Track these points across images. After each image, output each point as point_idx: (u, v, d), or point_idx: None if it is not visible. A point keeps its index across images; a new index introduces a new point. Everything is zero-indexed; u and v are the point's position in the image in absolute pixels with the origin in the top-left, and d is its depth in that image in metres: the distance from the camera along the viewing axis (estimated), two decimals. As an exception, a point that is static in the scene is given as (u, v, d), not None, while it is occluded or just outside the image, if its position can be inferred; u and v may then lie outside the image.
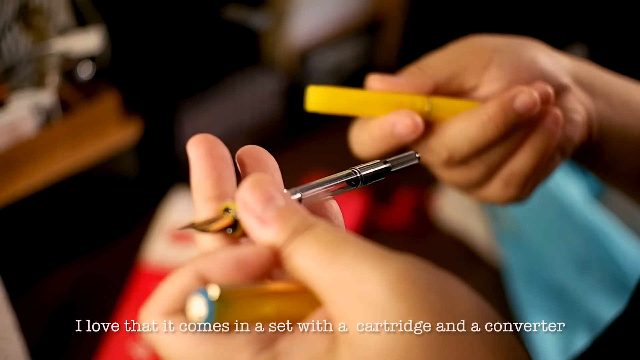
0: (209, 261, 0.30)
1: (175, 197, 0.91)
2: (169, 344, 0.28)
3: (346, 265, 0.27)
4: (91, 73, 0.77)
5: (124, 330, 0.77)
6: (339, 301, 0.27)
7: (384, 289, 0.26)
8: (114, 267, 0.86)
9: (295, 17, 0.98)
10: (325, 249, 0.28)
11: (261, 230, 0.30)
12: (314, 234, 0.29)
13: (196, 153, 0.34)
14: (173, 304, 0.29)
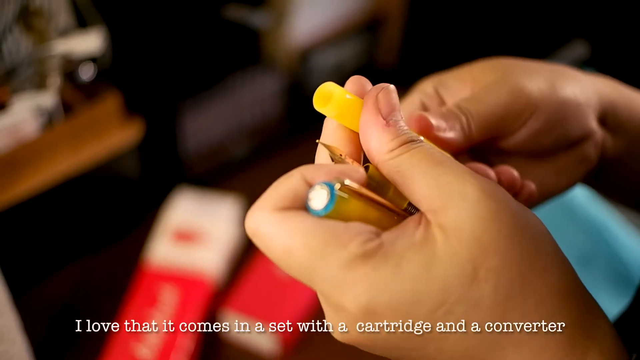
0: (316, 170, 0.33)
1: (178, 197, 0.91)
2: (287, 234, 0.31)
3: (448, 170, 0.32)
4: (92, 74, 0.77)
5: (128, 331, 0.77)
6: (438, 196, 0.31)
7: (477, 190, 0.31)
8: (117, 267, 0.86)
9: (295, 16, 0.98)
10: (432, 156, 0.32)
11: (381, 132, 0.34)
12: (424, 147, 0.33)
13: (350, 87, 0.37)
14: (283, 201, 0.32)
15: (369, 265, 0.30)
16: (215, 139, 0.98)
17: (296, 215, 0.31)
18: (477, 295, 0.30)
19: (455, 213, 0.31)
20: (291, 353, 0.80)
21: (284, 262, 0.31)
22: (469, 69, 0.46)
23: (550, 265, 0.31)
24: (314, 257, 0.30)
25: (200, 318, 0.79)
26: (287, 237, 0.31)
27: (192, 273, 0.82)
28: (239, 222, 0.90)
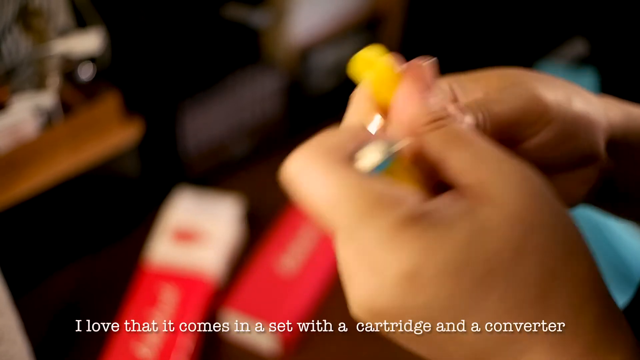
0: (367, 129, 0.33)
1: (178, 196, 0.91)
2: (338, 184, 0.29)
3: (489, 147, 0.31)
4: (92, 74, 0.77)
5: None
6: (479, 171, 0.31)
7: (521, 168, 0.31)
8: (117, 267, 0.86)
9: (295, 15, 0.98)
10: (470, 133, 0.32)
11: (422, 100, 0.33)
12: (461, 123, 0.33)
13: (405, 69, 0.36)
14: (333, 151, 0.30)
15: (419, 228, 0.29)
16: (215, 138, 0.98)
17: (348, 167, 0.30)
18: (521, 272, 0.29)
19: (500, 188, 0.30)
20: (291, 353, 0.80)
21: (327, 213, 0.30)
22: (485, 74, 0.45)
23: (584, 253, 0.31)
24: (363, 212, 0.29)
25: (200, 318, 0.79)
26: (337, 188, 0.29)
27: (192, 272, 0.82)
28: (238, 221, 0.90)
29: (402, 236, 0.29)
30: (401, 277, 0.29)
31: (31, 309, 0.78)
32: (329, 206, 0.30)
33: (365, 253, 0.29)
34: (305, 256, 0.86)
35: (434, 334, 0.31)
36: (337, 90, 1.12)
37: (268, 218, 0.93)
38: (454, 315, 0.30)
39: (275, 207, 0.94)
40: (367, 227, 0.29)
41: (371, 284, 0.30)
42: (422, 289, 0.29)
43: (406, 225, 0.29)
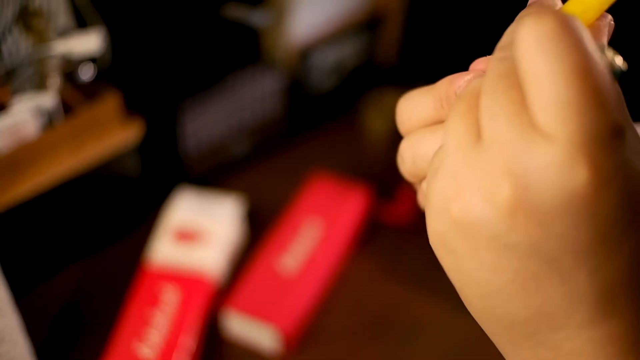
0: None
1: (179, 196, 0.91)
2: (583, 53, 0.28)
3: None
4: (92, 74, 0.77)
5: (130, 331, 0.77)
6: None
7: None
8: (118, 267, 0.86)
9: (295, 14, 0.98)
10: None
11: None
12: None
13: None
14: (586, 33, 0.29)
15: (623, 142, 0.28)
16: (215, 138, 0.98)
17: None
18: None
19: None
20: (293, 352, 0.80)
21: (570, 84, 0.27)
22: None
23: None
24: (598, 98, 0.27)
25: (201, 317, 0.79)
26: (589, 62, 0.28)
27: (193, 272, 0.82)
28: (239, 221, 0.90)
29: (612, 142, 0.27)
30: (596, 177, 0.27)
31: (32, 310, 0.78)
32: (571, 76, 0.27)
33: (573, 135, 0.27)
34: (306, 256, 0.86)
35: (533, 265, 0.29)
36: (337, 90, 1.12)
37: (269, 218, 0.93)
38: (614, 237, 0.28)
39: (276, 206, 0.94)
40: (593, 116, 0.27)
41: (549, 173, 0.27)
42: (603, 198, 0.27)
43: (617, 136, 0.27)
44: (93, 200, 0.88)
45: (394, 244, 0.91)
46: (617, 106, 0.28)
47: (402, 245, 0.91)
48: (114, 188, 0.90)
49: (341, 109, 1.12)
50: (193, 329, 0.78)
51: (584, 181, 0.27)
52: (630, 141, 0.28)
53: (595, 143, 0.27)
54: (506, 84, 0.29)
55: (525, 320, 0.31)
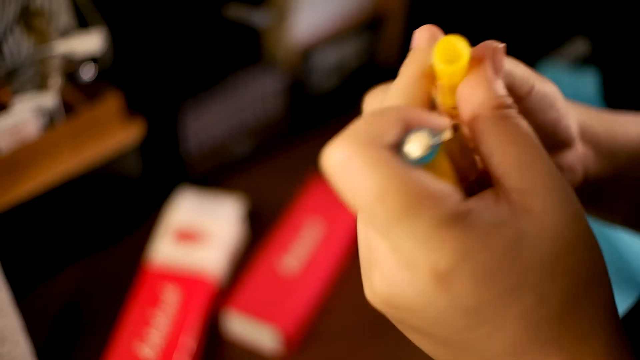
0: (418, 114, 0.30)
1: (180, 196, 0.91)
2: (378, 176, 0.28)
3: (543, 159, 0.30)
4: (93, 74, 0.77)
5: (130, 331, 0.77)
6: (530, 181, 0.30)
7: (565, 189, 0.30)
8: (120, 267, 0.86)
9: (296, 14, 0.98)
10: (532, 136, 0.31)
11: (496, 83, 0.32)
12: (524, 120, 0.32)
13: (417, 34, 0.35)
14: (377, 139, 0.29)
15: (459, 228, 0.28)
16: (216, 138, 0.98)
17: (394, 158, 0.28)
18: (550, 290, 0.29)
19: (544, 202, 0.29)
20: (294, 352, 0.80)
21: (370, 207, 0.28)
22: None
23: (605, 280, 0.31)
24: (407, 207, 0.28)
25: (202, 317, 0.79)
26: (384, 181, 0.28)
27: (194, 272, 0.82)
28: (240, 221, 0.90)
29: (443, 235, 0.28)
30: (435, 276, 0.28)
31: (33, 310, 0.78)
32: (373, 201, 0.28)
33: (403, 248, 0.29)
34: (307, 256, 0.85)
35: (448, 335, 0.31)
36: (338, 90, 1.12)
37: (270, 218, 0.93)
38: (476, 321, 0.29)
39: (277, 206, 0.94)
40: (410, 224, 0.28)
41: (402, 277, 0.29)
42: (452, 290, 0.28)
43: (447, 225, 0.28)
44: (94, 200, 0.88)
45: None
46: (436, 196, 0.28)
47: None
48: (114, 188, 0.90)
49: (342, 109, 1.12)
50: (194, 329, 0.78)
51: (427, 283, 0.28)
52: (477, 217, 0.29)
53: (426, 245, 0.28)
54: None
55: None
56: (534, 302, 0.29)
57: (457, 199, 0.29)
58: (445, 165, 0.31)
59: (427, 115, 0.30)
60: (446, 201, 0.28)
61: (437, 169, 0.30)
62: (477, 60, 0.33)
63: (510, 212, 0.29)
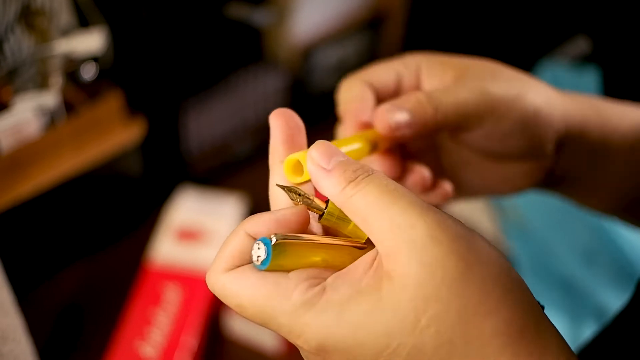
0: (256, 223, 0.35)
1: (181, 195, 0.91)
2: (237, 292, 0.33)
3: (400, 211, 0.32)
4: (94, 73, 0.77)
5: (132, 330, 0.77)
6: (390, 241, 0.32)
7: (425, 235, 0.31)
8: (121, 266, 0.86)
9: (297, 13, 0.98)
10: (384, 194, 0.33)
11: (326, 179, 0.35)
12: (374, 179, 0.34)
13: (275, 123, 0.39)
14: (232, 261, 0.34)
15: (312, 313, 0.32)
16: (218, 137, 0.98)
17: (243, 272, 0.34)
18: (419, 341, 0.31)
19: (403, 259, 0.31)
20: (295, 351, 0.80)
21: (243, 315, 0.34)
22: (455, 61, 0.48)
23: (498, 306, 0.31)
24: (262, 312, 0.33)
25: (204, 316, 0.79)
26: (237, 294, 0.33)
27: (195, 271, 0.83)
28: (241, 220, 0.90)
29: (301, 322, 0.32)
30: (316, 352, 0.33)
31: (35, 309, 0.78)
32: (240, 311, 0.34)
33: (284, 335, 0.33)
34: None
35: None
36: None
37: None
38: None
39: (278, 206, 0.94)
40: (272, 321, 0.33)
41: (302, 352, 0.34)
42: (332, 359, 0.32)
43: (301, 312, 0.32)
44: (95, 199, 0.88)
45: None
46: (281, 294, 0.33)
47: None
48: (116, 187, 0.90)
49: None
50: (195, 328, 0.78)
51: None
52: (330, 297, 0.32)
53: (292, 334, 0.33)
54: None
55: None
56: (410, 354, 0.31)
57: (307, 284, 0.33)
58: (297, 255, 0.34)
59: (267, 218, 0.35)
60: (295, 291, 0.32)
61: (288, 262, 0.34)
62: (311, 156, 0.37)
63: (371, 282, 0.32)
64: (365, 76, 0.50)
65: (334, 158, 0.35)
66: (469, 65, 0.47)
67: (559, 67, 1.08)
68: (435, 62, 0.48)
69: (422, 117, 0.44)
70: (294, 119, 0.39)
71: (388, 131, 0.44)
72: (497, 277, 0.32)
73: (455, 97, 0.45)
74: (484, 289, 0.31)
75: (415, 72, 0.48)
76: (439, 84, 0.47)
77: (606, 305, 0.82)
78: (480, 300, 0.31)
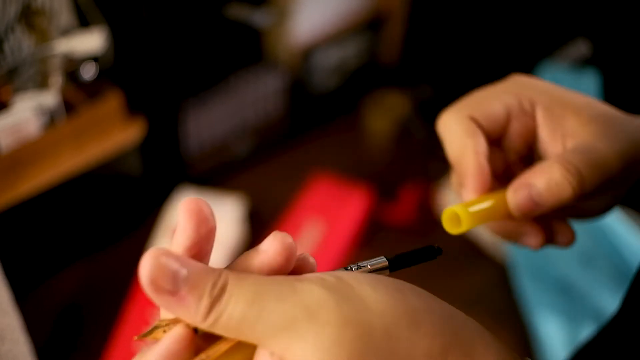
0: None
1: (180, 195, 0.91)
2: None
3: (272, 313, 0.30)
4: (94, 73, 0.77)
5: (131, 330, 0.77)
6: (278, 343, 0.29)
7: (310, 324, 0.29)
8: (120, 266, 0.86)
9: (297, 14, 0.98)
10: (249, 305, 0.30)
11: (181, 308, 0.31)
12: (232, 293, 0.30)
13: (183, 214, 0.33)
14: None
15: None
16: (217, 138, 0.98)
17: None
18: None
19: (300, 352, 0.29)
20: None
21: None
22: (582, 106, 0.43)
23: (412, 344, 0.30)
24: None
25: (202, 317, 0.79)
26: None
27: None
28: (240, 220, 0.90)
29: None
30: None
31: (34, 309, 0.78)
32: None
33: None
34: (307, 256, 0.86)
35: None
36: (339, 90, 1.12)
37: (270, 217, 0.93)
38: None
39: (277, 206, 0.94)
40: None
41: None
42: None
43: None
44: (95, 199, 0.88)
45: (394, 244, 0.91)
46: None
47: (402, 245, 0.91)
48: (115, 187, 0.90)
49: (343, 109, 1.12)
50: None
51: None
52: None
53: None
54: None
55: None
56: None
57: None
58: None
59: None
60: None
61: None
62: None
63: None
64: (471, 109, 0.43)
65: (177, 278, 0.31)
66: (593, 115, 0.42)
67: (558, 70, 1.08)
68: (555, 103, 0.43)
69: (561, 197, 0.40)
70: (203, 209, 0.33)
71: (523, 214, 0.41)
72: (397, 320, 0.31)
73: (601, 170, 0.40)
74: (389, 342, 0.30)
75: (530, 111, 0.43)
76: (557, 132, 0.42)
77: (604, 307, 0.82)
78: (388, 353, 0.30)
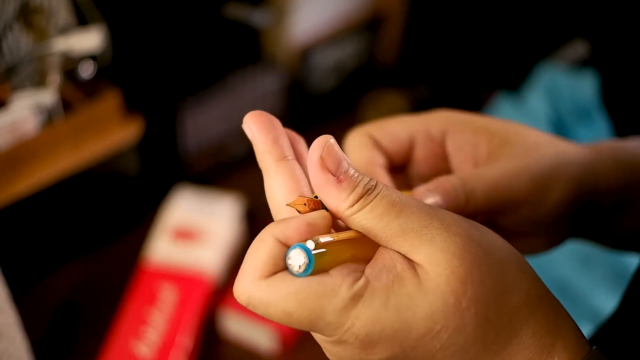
0: (285, 228, 0.34)
1: (178, 195, 0.91)
2: (283, 297, 0.33)
3: (411, 217, 0.34)
4: (92, 72, 0.77)
5: (128, 329, 0.77)
6: (408, 242, 0.34)
7: (443, 231, 0.34)
8: (117, 265, 0.86)
9: (296, 14, 0.98)
10: (391, 207, 0.34)
11: (334, 189, 0.35)
12: (380, 193, 0.34)
13: (256, 125, 0.39)
14: (267, 268, 0.33)
15: (361, 304, 0.32)
16: (215, 138, 0.98)
17: (282, 279, 0.33)
18: (460, 322, 0.33)
19: (428, 252, 0.33)
20: (290, 352, 0.80)
21: (287, 322, 0.33)
22: (491, 129, 0.45)
23: (517, 281, 0.35)
24: (312, 313, 0.33)
25: (199, 316, 0.79)
26: (282, 302, 0.33)
27: (191, 271, 0.82)
28: (238, 220, 0.90)
29: (351, 315, 0.32)
30: (361, 345, 0.33)
31: (31, 307, 0.78)
32: (286, 319, 0.33)
33: (327, 336, 0.34)
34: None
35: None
36: (337, 89, 1.12)
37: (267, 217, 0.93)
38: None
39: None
40: (321, 321, 0.33)
41: (339, 352, 0.35)
42: (379, 349, 0.33)
43: (351, 305, 0.32)
44: (92, 198, 0.88)
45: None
46: (329, 293, 0.33)
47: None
48: (113, 186, 0.90)
49: (341, 109, 1.12)
50: (190, 328, 0.78)
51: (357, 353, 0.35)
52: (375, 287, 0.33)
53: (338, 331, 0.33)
54: None
55: None
56: (451, 336, 0.33)
57: (352, 278, 0.33)
58: (333, 255, 0.34)
59: (296, 223, 0.34)
60: (341, 288, 0.33)
61: (327, 264, 0.34)
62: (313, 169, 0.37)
63: (405, 268, 0.34)
64: (373, 130, 0.46)
65: (342, 164, 0.35)
66: (506, 137, 0.44)
67: (557, 71, 1.08)
68: (465, 128, 0.45)
69: (454, 205, 0.42)
70: (273, 119, 0.39)
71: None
72: (509, 258, 0.35)
73: (489, 185, 0.42)
74: (504, 268, 0.34)
75: (439, 138, 0.46)
76: (469, 157, 0.45)
77: (602, 308, 0.82)
78: (503, 278, 0.34)
